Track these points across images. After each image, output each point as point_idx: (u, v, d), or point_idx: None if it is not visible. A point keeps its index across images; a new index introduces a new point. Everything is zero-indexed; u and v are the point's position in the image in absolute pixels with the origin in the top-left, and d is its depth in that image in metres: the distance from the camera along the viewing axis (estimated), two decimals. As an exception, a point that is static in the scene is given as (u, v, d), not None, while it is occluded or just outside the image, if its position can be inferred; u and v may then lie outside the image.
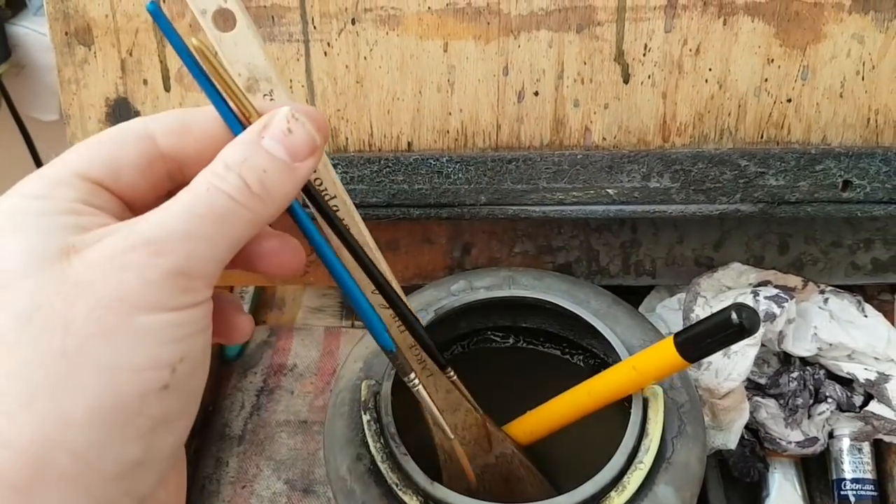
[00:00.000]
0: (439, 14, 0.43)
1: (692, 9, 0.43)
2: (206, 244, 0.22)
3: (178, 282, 0.21)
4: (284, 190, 0.23)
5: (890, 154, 0.44)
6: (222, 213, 0.22)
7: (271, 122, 0.24)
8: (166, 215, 0.22)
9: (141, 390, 0.20)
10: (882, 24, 0.44)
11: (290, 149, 0.23)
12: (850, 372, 0.47)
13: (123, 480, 0.21)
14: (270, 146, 0.23)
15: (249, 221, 0.23)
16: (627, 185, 0.44)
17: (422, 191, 0.45)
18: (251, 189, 0.22)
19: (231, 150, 0.23)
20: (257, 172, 0.23)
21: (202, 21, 0.28)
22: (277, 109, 0.24)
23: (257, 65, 0.29)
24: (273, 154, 0.23)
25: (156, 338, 0.21)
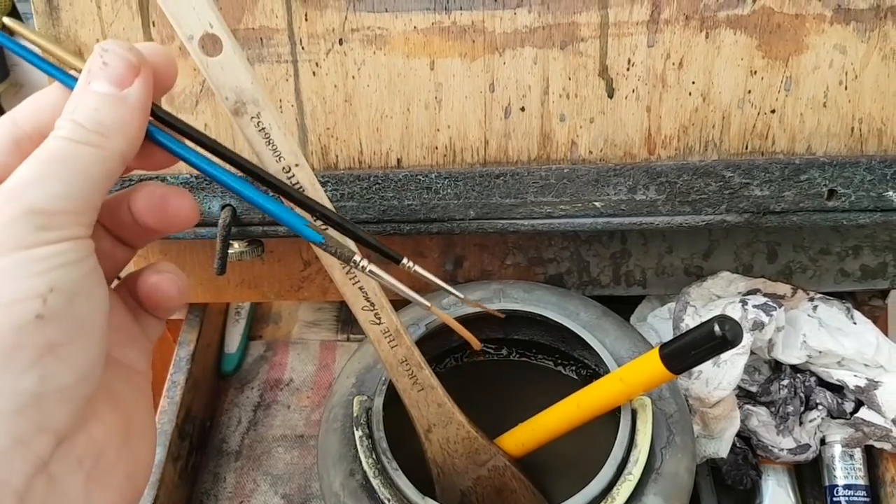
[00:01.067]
0: (425, 33, 0.44)
1: (674, 23, 0.43)
2: (58, 182, 0.23)
3: (33, 219, 0.22)
4: (121, 118, 0.24)
5: (874, 163, 0.44)
6: (66, 154, 0.23)
7: (90, 64, 0.24)
8: (18, 169, 0.23)
9: (14, 323, 0.21)
10: (863, 35, 0.44)
11: (113, 79, 0.24)
12: (840, 379, 0.48)
13: (27, 414, 0.21)
14: (95, 87, 0.24)
15: (98, 155, 0.24)
16: (614, 198, 0.44)
17: (412, 206, 0.45)
18: (86, 127, 0.24)
19: (67, 102, 0.24)
20: (89, 112, 0.24)
21: (189, 46, 0.29)
22: (93, 51, 0.25)
23: (244, 88, 0.29)
24: (99, 91, 0.24)
25: (18, 273, 0.22)
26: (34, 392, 0.21)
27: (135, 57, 0.25)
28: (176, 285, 0.28)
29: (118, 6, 0.43)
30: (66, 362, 0.22)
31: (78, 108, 0.24)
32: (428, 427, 0.38)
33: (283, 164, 0.31)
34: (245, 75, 0.29)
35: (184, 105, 0.45)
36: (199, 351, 0.56)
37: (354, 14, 0.44)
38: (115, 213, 0.28)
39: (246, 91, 0.29)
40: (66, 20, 0.44)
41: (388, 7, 0.43)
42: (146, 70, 0.25)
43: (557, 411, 0.40)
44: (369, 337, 0.36)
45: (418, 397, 0.37)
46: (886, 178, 0.44)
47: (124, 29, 0.44)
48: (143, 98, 0.25)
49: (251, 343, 0.62)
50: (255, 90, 0.29)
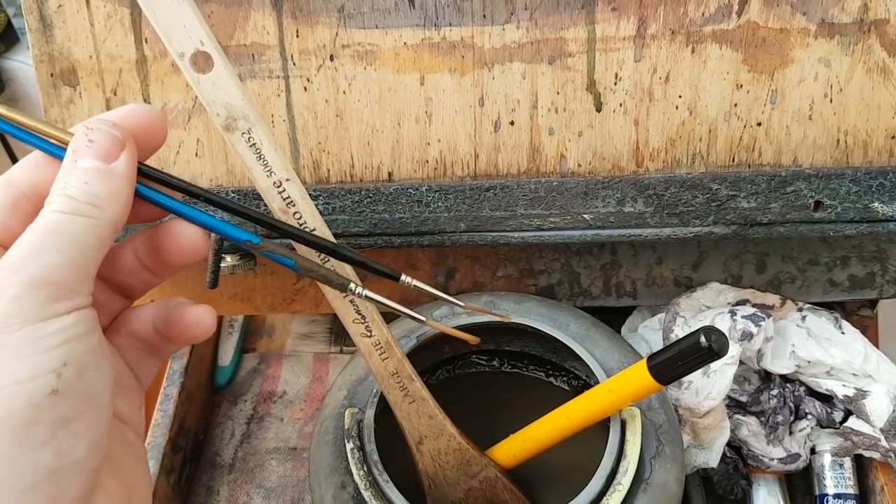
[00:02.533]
0: (415, 49, 0.44)
1: (660, 38, 0.44)
2: (58, 254, 0.23)
3: (40, 292, 0.22)
4: (112, 189, 0.25)
5: (860, 174, 0.45)
6: (61, 226, 0.24)
7: (75, 144, 0.25)
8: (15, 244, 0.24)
9: (30, 400, 0.21)
10: (847, 48, 0.45)
11: (99, 154, 0.25)
12: (829, 388, 0.48)
13: (43, 489, 0.21)
14: (83, 163, 0.25)
15: (93, 226, 0.24)
16: (603, 210, 0.45)
17: (403, 219, 0.46)
18: (79, 200, 0.24)
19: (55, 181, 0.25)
20: (79, 186, 0.25)
21: (180, 63, 0.29)
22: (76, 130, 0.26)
23: (235, 104, 0.30)
24: (86, 167, 0.25)
25: (32, 349, 0.22)
26: (50, 467, 0.22)
27: (119, 132, 0.26)
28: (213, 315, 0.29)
29: (111, 24, 0.44)
30: (78, 436, 0.22)
31: (69, 182, 0.25)
32: (419, 439, 0.38)
33: (275, 179, 0.31)
34: (236, 91, 0.30)
35: (176, 121, 0.45)
36: (192, 364, 0.56)
37: (345, 30, 0.44)
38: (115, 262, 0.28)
39: (237, 107, 0.30)
40: (60, 37, 0.44)
41: (379, 23, 0.44)
42: (130, 143, 0.26)
43: (548, 422, 0.40)
44: (360, 349, 0.36)
45: (409, 409, 0.38)
46: (872, 189, 0.45)
47: (117, 46, 0.44)
48: (130, 169, 0.26)
49: (244, 356, 0.62)
50: (245, 106, 0.30)
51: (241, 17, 0.44)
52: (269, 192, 0.31)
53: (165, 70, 0.45)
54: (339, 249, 0.32)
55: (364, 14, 0.44)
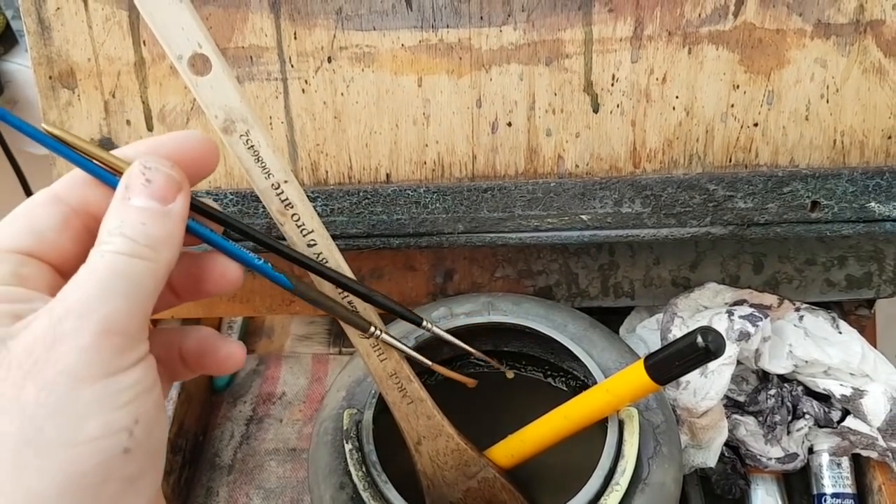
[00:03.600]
0: (412, 51, 0.44)
1: (657, 39, 0.44)
2: (122, 299, 0.23)
3: (109, 341, 0.22)
4: (168, 231, 0.25)
5: (856, 174, 0.45)
6: (122, 269, 0.23)
7: (129, 180, 0.25)
8: (76, 285, 0.23)
9: (102, 459, 0.21)
10: (843, 49, 0.45)
11: (157, 196, 0.25)
12: (827, 388, 0.48)
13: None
14: (138, 202, 0.24)
15: (151, 269, 0.24)
16: (600, 211, 0.45)
17: (401, 221, 0.46)
18: (138, 242, 0.24)
19: (108, 217, 0.24)
20: (137, 227, 0.24)
21: (178, 66, 0.29)
22: (131, 166, 0.25)
23: (233, 106, 0.30)
24: (143, 207, 0.24)
25: (106, 405, 0.21)
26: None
27: (177, 174, 0.26)
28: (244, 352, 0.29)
29: (109, 26, 0.44)
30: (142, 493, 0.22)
31: (125, 222, 0.24)
32: (417, 440, 0.39)
33: (273, 181, 0.31)
34: (234, 94, 0.30)
35: (175, 123, 0.46)
36: (191, 365, 0.56)
37: (343, 32, 0.44)
38: None
39: (235, 109, 0.30)
40: (58, 40, 0.44)
41: (376, 25, 0.44)
42: (186, 184, 0.26)
43: (546, 423, 0.40)
44: (359, 350, 0.36)
45: (408, 410, 0.38)
46: (868, 189, 0.45)
47: (115, 48, 0.44)
48: (184, 210, 0.26)
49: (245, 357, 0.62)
50: (243, 108, 0.30)
51: (238, 20, 0.44)
52: (267, 193, 0.31)
53: (164, 72, 0.45)
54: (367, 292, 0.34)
55: (362, 16, 0.44)
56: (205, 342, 0.28)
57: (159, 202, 0.25)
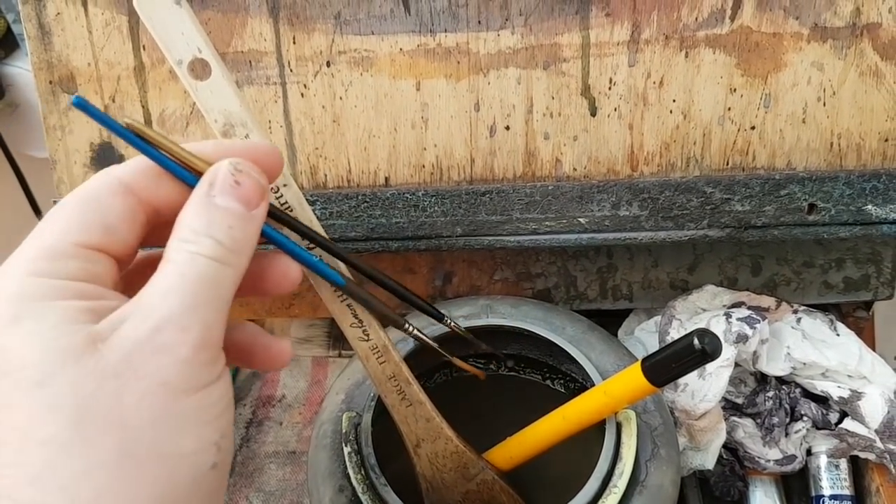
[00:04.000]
0: (411, 55, 0.45)
1: (654, 43, 0.44)
2: (211, 310, 0.22)
3: (204, 355, 0.22)
4: (251, 236, 0.24)
5: (853, 177, 0.45)
6: (213, 275, 0.23)
7: (216, 179, 0.24)
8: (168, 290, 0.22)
9: (194, 473, 0.21)
10: (840, 52, 0.45)
11: (244, 199, 0.24)
12: (824, 390, 0.48)
13: None
14: (225, 202, 0.24)
15: (233, 275, 0.23)
16: (598, 214, 0.45)
17: (399, 224, 0.46)
18: (225, 246, 0.23)
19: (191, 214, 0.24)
20: (224, 230, 0.23)
21: (178, 71, 0.29)
22: (218, 165, 0.25)
23: (232, 111, 0.30)
24: (231, 209, 0.24)
25: (199, 419, 0.21)
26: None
27: (264, 181, 0.25)
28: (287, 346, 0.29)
29: (109, 31, 0.44)
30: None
31: (213, 223, 0.23)
32: (417, 442, 0.39)
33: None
34: (233, 98, 0.30)
35: (175, 127, 0.46)
36: (191, 368, 0.56)
37: (341, 37, 0.44)
38: None
39: (234, 114, 0.30)
40: (58, 45, 0.45)
41: (375, 30, 0.44)
42: (268, 192, 0.26)
43: (544, 425, 0.40)
44: (357, 353, 0.36)
45: (407, 413, 0.38)
46: (865, 192, 0.45)
47: (115, 53, 0.45)
48: (263, 218, 0.25)
49: (244, 360, 0.62)
50: (243, 112, 0.30)
51: (238, 24, 0.44)
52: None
53: (163, 77, 0.45)
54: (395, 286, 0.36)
55: (360, 21, 0.44)
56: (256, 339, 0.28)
57: (246, 206, 0.24)
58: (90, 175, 0.47)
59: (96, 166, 0.47)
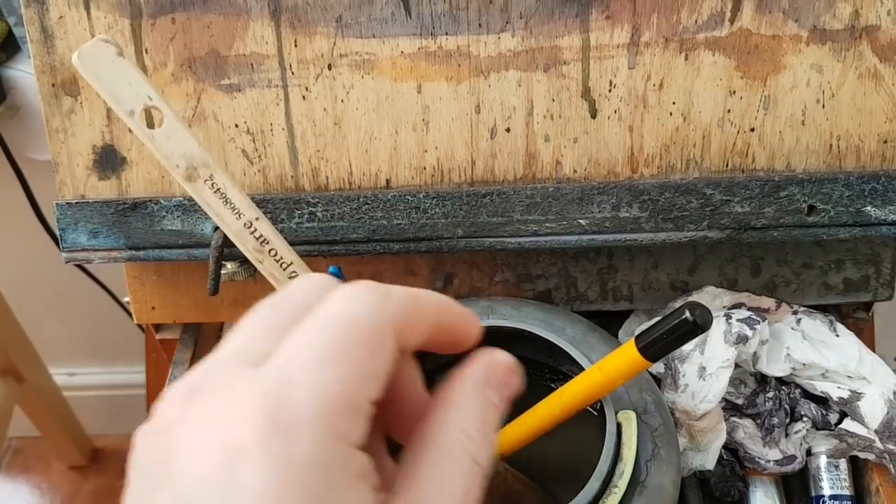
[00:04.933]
0: (412, 58, 0.45)
1: (654, 46, 0.44)
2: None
3: None
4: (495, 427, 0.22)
5: (852, 178, 0.45)
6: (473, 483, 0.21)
7: (494, 372, 0.22)
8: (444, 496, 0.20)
9: None
10: (839, 54, 0.46)
11: (504, 397, 0.23)
12: (824, 391, 0.48)
13: None
14: (492, 397, 0.22)
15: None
16: (598, 216, 0.45)
17: (401, 226, 0.46)
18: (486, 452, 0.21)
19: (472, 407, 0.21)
20: (493, 430, 0.22)
21: (130, 123, 0.28)
22: (495, 358, 0.23)
23: (192, 153, 0.30)
24: (494, 403, 0.22)
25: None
26: None
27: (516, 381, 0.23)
28: None
29: (112, 34, 0.44)
30: None
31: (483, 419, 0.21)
32: None
33: (244, 220, 0.31)
34: (191, 140, 0.29)
35: (177, 129, 0.46)
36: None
37: (343, 40, 0.45)
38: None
39: (195, 155, 0.29)
40: (61, 48, 0.45)
41: (376, 33, 0.45)
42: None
43: (543, 407, 0.40)
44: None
45: None
46: (864, 193, 0.45)
47: (118, 56, 0.45)
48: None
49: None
50: (203, 153, 0.29)
51: (240, 28, 0.45)
52: (241, 234, 0.31)
53: (166, 80, 0.45)
54: None
55: (361, 24, 0.44)
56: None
57: (501, 402, 0.22)
58: (93, 178, 0.47)
59: (98, 169, 0.47)
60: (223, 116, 0.46)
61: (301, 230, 0.46)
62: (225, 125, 0.46)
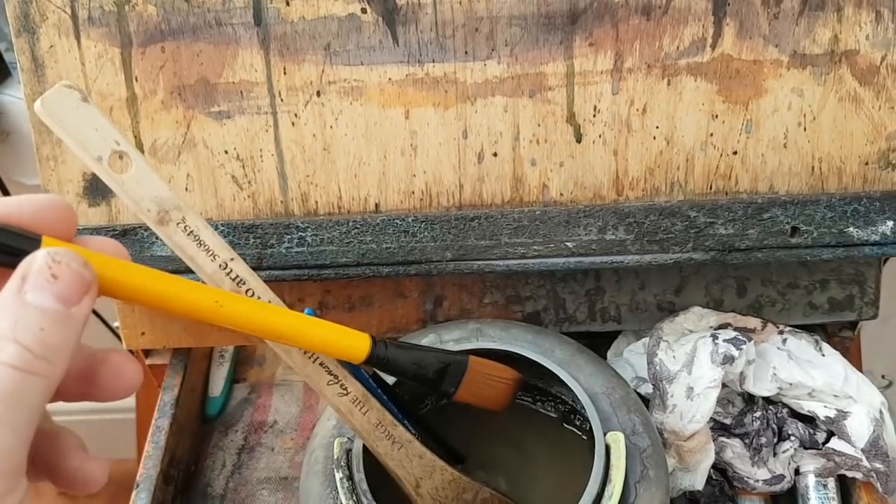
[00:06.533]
0: (399, 84, 0.46)
1: (637, 72, 0.45)
2: (10, 433, 0.20)
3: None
4: (67, 340, 0.21)
5: (834, 200, 0.46)
6: (14, 388, 0.20)
7: (30, 271, 0.21)
8: None
9: None
10: (820, 78, 0.47)
11: (61, 296, 0.21)
12: (811, 410, 0.49)
13: None
14: (37, 299, 0.21)
15: (43, 387, 0.21)
16: (585, 238, 0.46)
17: (390, 249, 0.47)
18: (34, 353, 0.20)
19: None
20: (34, 332, 0.20)
21: (98, 169, 0.28)
22: (33, 255, 0.21)
23: (163, 196, 0.29)
24: (44, 307, 0.21)
25: None
26: None
27: (88, 272, 0.22)
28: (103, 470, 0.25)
29: (101, 63, 0.45)
30: None
31: (19, 324, 0.20)
32: (416, 483, 0.39)
33: (220, 262, 0.30)
34: (161, 183, 0.29)
35: (167, 156, 0.46)
36: (183, 395, 0.56)
37: (331, 67, 0.45)
38: None
39: (166, 199, 0.29)
40: (52, 77, 0.45)
41: (364, 60, 0.45)
42: (95, 286, 0.22)
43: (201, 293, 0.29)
44: (340, 411, 0.35)
45: (400, 455, 0.38)
46: (847, 214, 0.46)
47: (108, 84, 0.45)
48: (88, 314, 0.22)
49: (235, 386, 0.62)
50: (173, 196, 0.29)
51: (229, 56, 0.45)
52: (216, 275, 0.30)
53: (155, 107, 0.46)
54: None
55: (349, 51, 0.45)
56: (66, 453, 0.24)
57: (63, 304, 0.21)
58: (83, 205, 0.48)
59: (89, 196, 0.47)
60: (213, 143, 0.46)
61: (291, 255, 0.46)
62: (215, 151, 0.47)
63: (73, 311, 0.21)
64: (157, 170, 0.29)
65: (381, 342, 0.35)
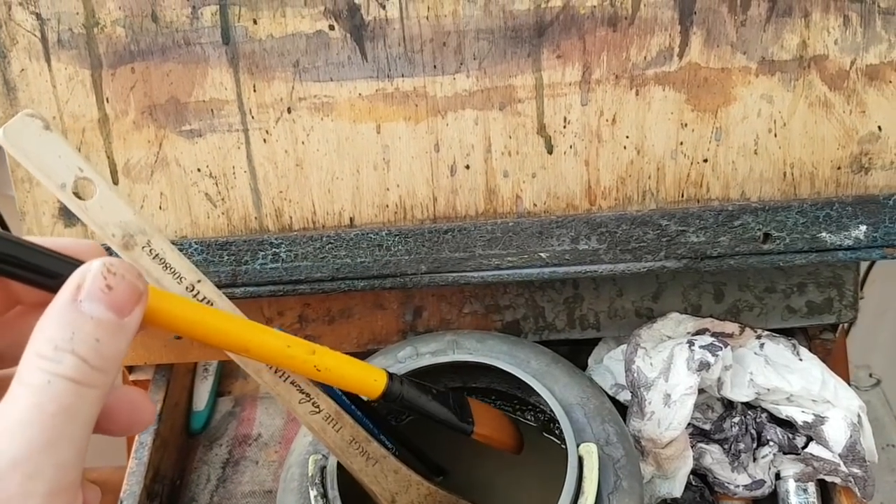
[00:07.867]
0: (370, 99, 0.46)
1: (605, 83, 0.45)
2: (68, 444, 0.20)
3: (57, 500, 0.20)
4: (120, 351, 0.22)
5: (806, 206, 0.46)
6: (72, 402, 0.20)
7: (85, 281, 0.21)
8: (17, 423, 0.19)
9: None
10: (788, 84, 0.47)
11: (116, 306, 0.21)
12: (789, 415, 0.49)
13: None
14: (93, 309, 0.21)
15: (97, 397, 0.21)
16: (558, 249, 0.46)
17: (364, 264, 0.47)
18: (91, 364, 0.21)
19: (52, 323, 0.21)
20: (91, 344, 0.21)
21: (62, 196, 0.28)
22: (88, 265, 0.22)
23: (128, 220, 0.29)
24: (100, 317, 0.21)
25: None
26: None
27: (141, 283, 0.22)
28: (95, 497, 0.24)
29: (73, 85, 0.45)
30: None
31: (77, 336, 0.20)
32: (391, 498, 0.39)
33: (186, 284, 0.30)
34: (126, 208, 0.29)
35: (140, 176, 0.47)
36: (166, 410, 0.56)
37: (301, 84, 0.46)
38: None
39: (131, 223, 0.28)
40: (24, 100, 0.45)
41: (333, 76, 0.45)
42: (146, 297, 0.23)
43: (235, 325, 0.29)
44: (313, 429, 0.35)
45: (374, 471, 0.38)
46: (819, 220, 0.46)
47: (79, 106, 0.46)
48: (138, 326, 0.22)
49: (219, 399, 0.62)
50: (139, 220, 0.29)
51: (199, 75, 0.45)
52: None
53: (127, 128, 0.46)
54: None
55: (318, 68, 0.45)
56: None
57: (117, 314, 0.21)
58: (59, 226, 0.48)
59: (64, 217, 0.47)
60: (185, 161, 0.47)
61: (266, 271, 0.47)
62: (187, 170, 0.47)
63: (125, 321, 0.22)
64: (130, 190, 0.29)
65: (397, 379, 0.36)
